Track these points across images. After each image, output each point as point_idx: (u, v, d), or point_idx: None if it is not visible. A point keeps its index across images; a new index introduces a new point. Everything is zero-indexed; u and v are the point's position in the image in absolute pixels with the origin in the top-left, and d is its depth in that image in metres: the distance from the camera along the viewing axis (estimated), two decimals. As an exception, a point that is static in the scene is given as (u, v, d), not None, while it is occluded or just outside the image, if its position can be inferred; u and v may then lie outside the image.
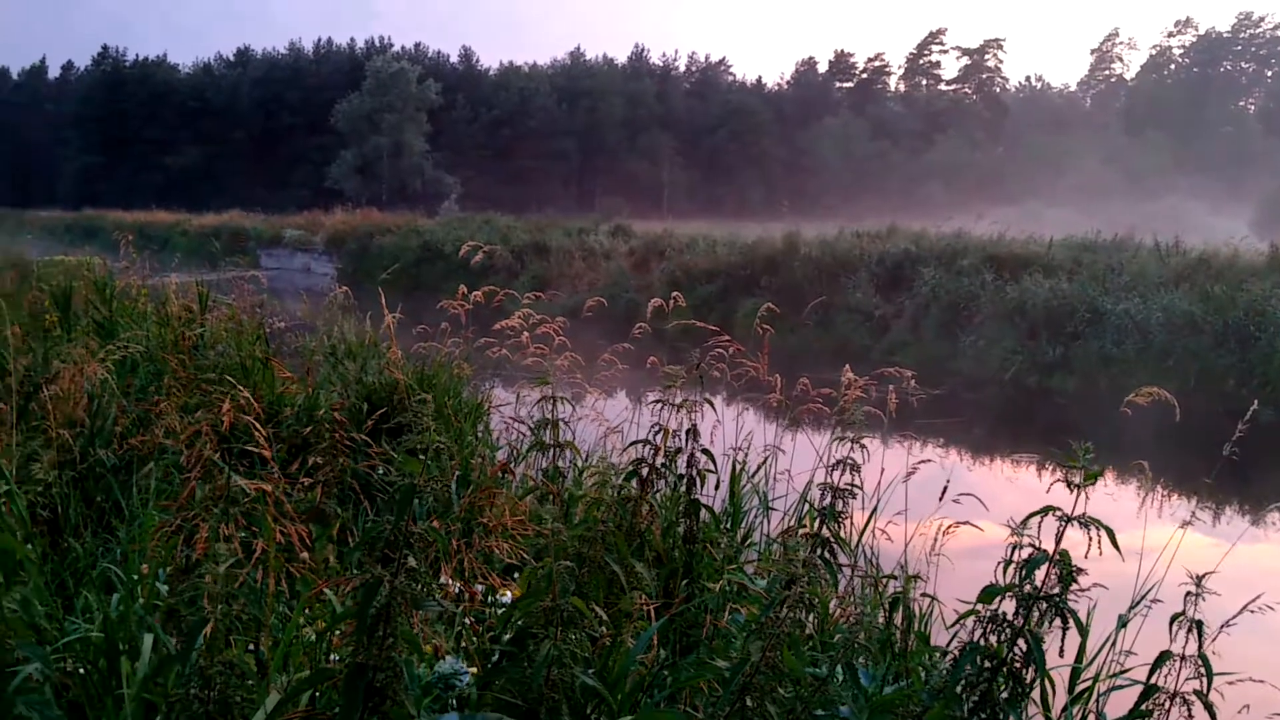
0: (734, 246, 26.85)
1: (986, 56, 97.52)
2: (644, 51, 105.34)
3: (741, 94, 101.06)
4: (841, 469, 2.98)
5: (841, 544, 3.07)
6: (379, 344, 6.93)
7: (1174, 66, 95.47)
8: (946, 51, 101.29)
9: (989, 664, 2.40)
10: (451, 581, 3.50)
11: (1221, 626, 2.94)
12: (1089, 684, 3.62)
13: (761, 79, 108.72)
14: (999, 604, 2.51)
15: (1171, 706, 2.73)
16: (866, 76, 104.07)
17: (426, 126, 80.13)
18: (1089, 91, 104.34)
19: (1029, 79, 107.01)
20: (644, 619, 3.14)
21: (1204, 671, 2.66)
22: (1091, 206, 49.95)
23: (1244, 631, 3.08)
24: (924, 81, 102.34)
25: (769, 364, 5.55)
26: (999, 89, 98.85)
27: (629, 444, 4.00)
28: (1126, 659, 3.71)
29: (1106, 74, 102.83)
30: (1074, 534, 2.57)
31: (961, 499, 4.34)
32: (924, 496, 4.74)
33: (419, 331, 6.74)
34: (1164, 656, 2.76)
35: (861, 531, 4.79)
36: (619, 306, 19.77)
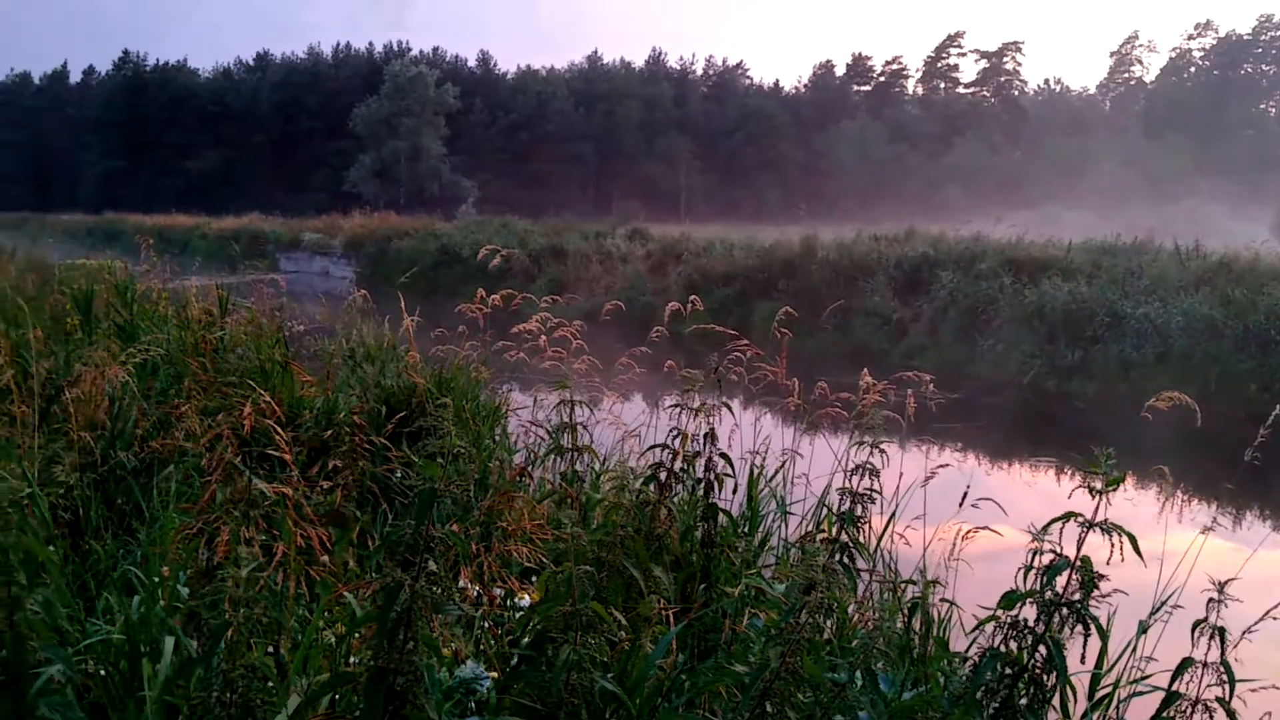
0: (751, 250, 26.80)
1: (1005, 59, 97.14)
2: (661, 55, 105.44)
3: (759, 97, 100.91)
4: (860, 474, 2.97)
5: (860, 549, 3.06)
6: (397, 347, 6.95)
7: (1194, 69, 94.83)
8: (965, 54, 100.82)
9: (1010, 670, 2.39)
10: (470, 585, 3.51)
11: (1243, 633, 2.91)
12: (1109, 690, 3.60)
13: (779, 82, 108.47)
14: (1019, 610, 2.50)
15: (1194, 713, 2.71)
16: (884, 79, 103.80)
17: (444, 130, 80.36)
18: (1108, 94, 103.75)
19: (1048, 82, 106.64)
20: (662, 624, 3.14)
21: (1226, 678, 2.65)
22: (1111, 210, 49.68)
23: (1266, 638, 3.06)
24: (942, 84, 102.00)
25: (786, 367, 5.54)
26: (1017, 92, 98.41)
27: (647, 448, 4.00)
28: (1147, 665, 3.68)
29: (1126, 77, 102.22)
30: (1094, 539, 2.55)
31: (980, 503, 4.33)
32: (942, 501, 4.73)
33: (437, 335, 6.76)
34: (1186, 663, 2.74)
35: (880, 536, 4.78)
36: (636, 310, 19.77)
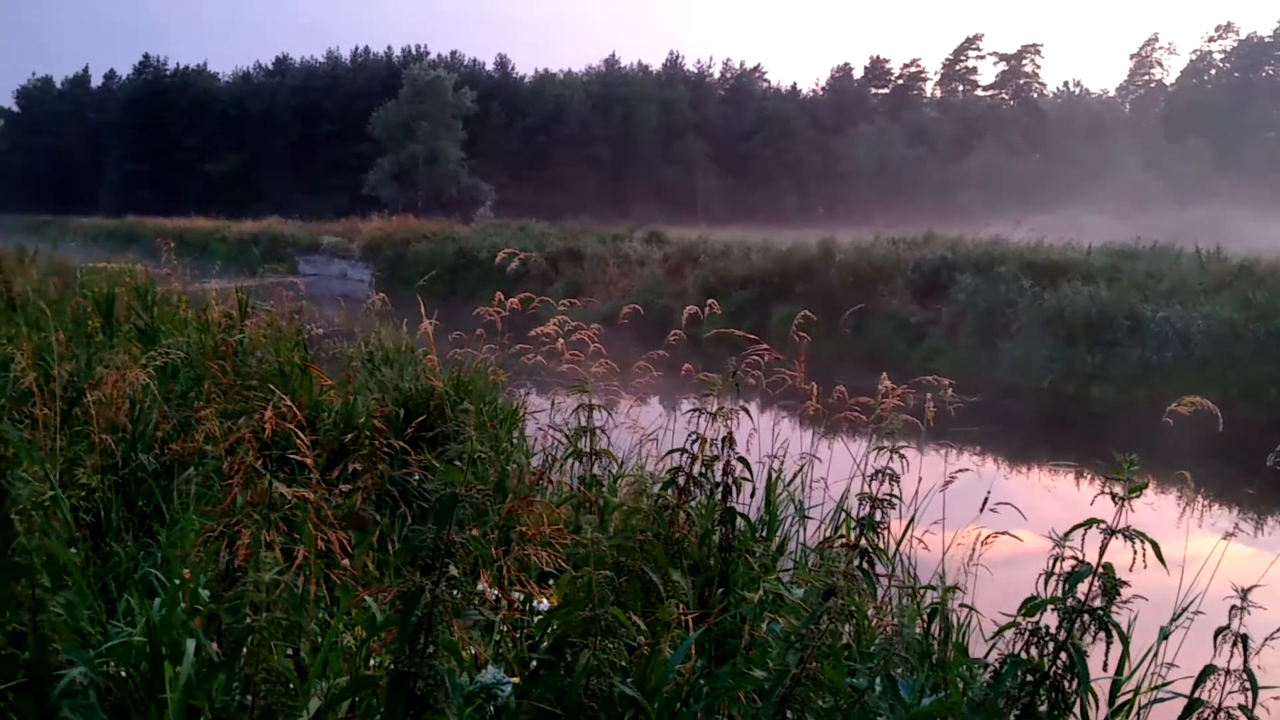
0: (768, 253, 26.78)
1: (1024, 62, 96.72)
2: (678, 58, 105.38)
3: (776, 100, 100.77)
4: (880, 479, 2.97)
5: (879, 554, 3.05)
6: (415, 350, 6.97)
7: (1214, 71, 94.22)
8: (983, 57, 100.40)
9: (1031, 677, 2.38)
10: (489, 589, 3.51)
11: (1266, 640, 2.89)
12: (1129, 697, 3.58)
13: (796, 85, 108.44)
14: (1039, 616, 2.49)
15: (1216, 721, 2.69)
16: (902, 83, 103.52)
17: (462, 134, 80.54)
18: (1128, 97, 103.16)
19: (1067, 85, 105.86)
20: (681, 628, 3.13)
21: (1249, 686, 2.62)
22: (1131, 213, 49.44)
23: (1288, 645, 3.03)
24: (960, 87, 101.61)
25: (804, 371, 5.53)
26: (1036, 95, 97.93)
27: (666, 452, 4.00)
28: (1168, 671, 3.66)
29: (1146, 79, 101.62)
30: (1115, 544, 2.54)
31: (999, 508, 4.31)
32: (961, 505, 4.71)
33: (454, 338, 6.77)
34: (1208, 670, 2.72)
35: (899, 541, 4.76)
36: (653, 313, 19.67)
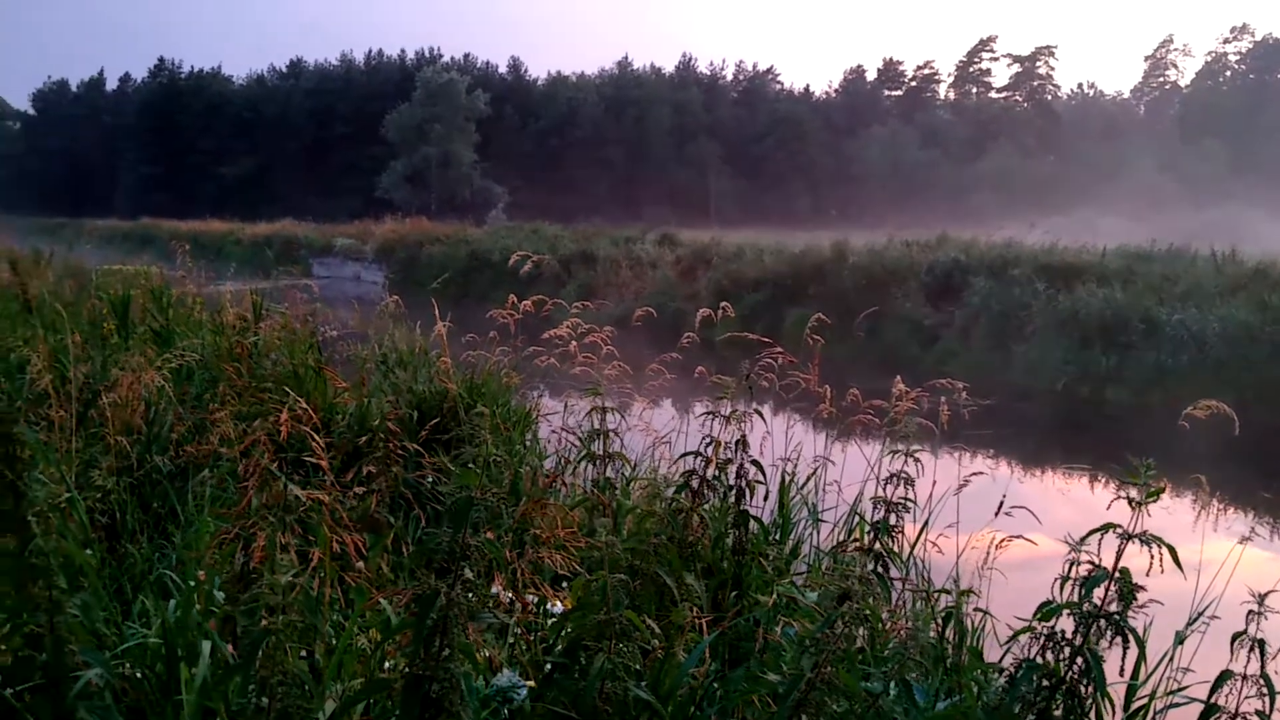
0: (781, 255, 26.75)
1: (1038, 64, 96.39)
2: (691, 60, 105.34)
3: (789, 102, 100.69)
4: (895, 483, 2.96)
5: (893, 558, 3.04)
6: (429, 353, 6.97)
7: (1230, 73, 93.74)
8: (997, 59, 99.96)
9: (1047, 682, 2.37)
10: (503, 591, 3.51)
11: (1284, 645, 2.87)
12: (1144, 702, 3.56)
13: (809, 87, 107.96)
14: (1055, 620, 2.48)
15: (1233, 727, 2.68)
16: (916, 84, 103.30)
17: (475, 136, 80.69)
18: (1142, 98, 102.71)
19: (1081, 86, 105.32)
20: (695, 631, 3.13)
21: (1266, 691, 2.61)
22: (1146, 215, 49.23)
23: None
24: (974, 89, 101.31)
25: (818, 374, 5.52)
26: (1050, 96, 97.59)
27: (679, 455, 4.00)
28: (1184, 676, 3.64)
29: (1161, 81, 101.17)
30: (1131, 548, 2.53)
31: (1013, 512, 4.30)
32: (975, 508, 4.69)
33: (468, 340, 6.78)
34: (1225, 676, 2.70)
35: (913, 544, 4.75)
36: (666, 315, 19.71)
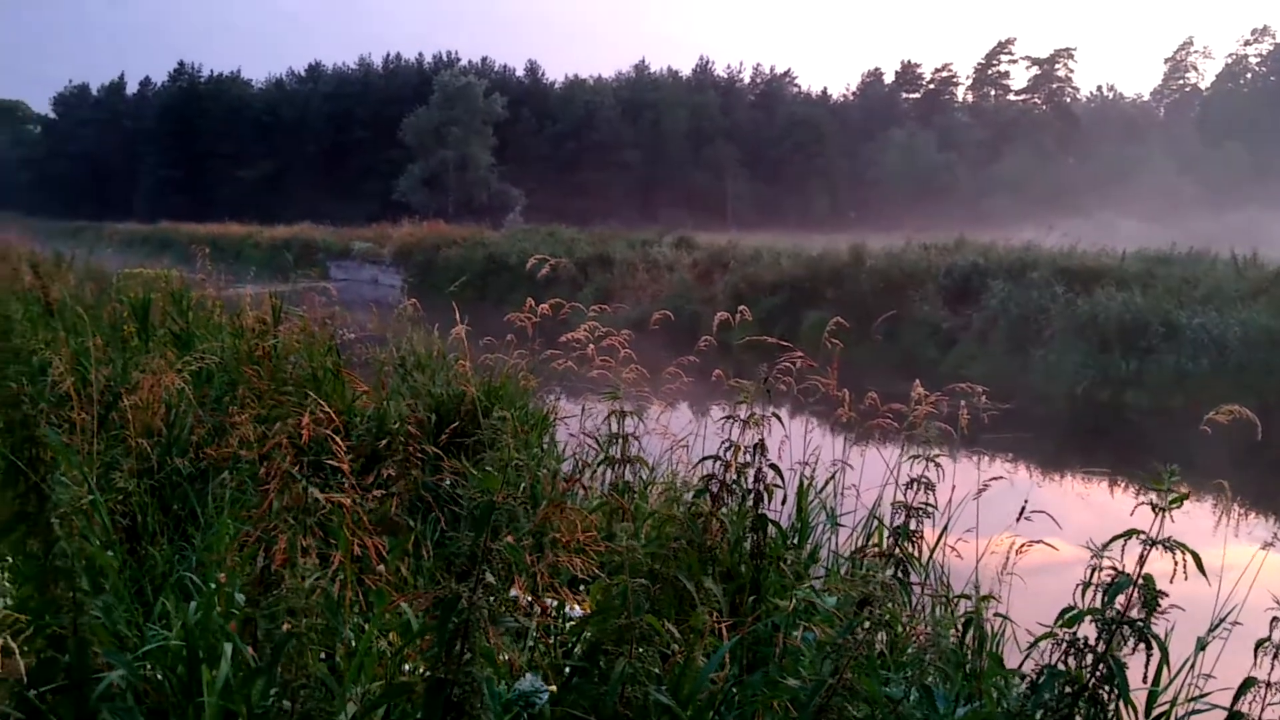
0: (798, 258, 26.72)
1: (1057, 66, 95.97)
2: (708, 64, 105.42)
3: (806, 105, 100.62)
4: (915, 487, 2.95)
5: (913, 563, 3.03)
6: (446, 356, 6.99)
7: (1250, 75, 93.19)
8: (1016, 61, 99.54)
9: (1070, 689, 2.36)
10: (522, 595, 3.51)
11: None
12: (1166, 708, 3.54)
13: (827, 90, 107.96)
14: (1077, 627, 2.46)
15: (1257, 734, 2.66)
16: (933, 87, 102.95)
17: (492, 140, 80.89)
18: (1162, 101, 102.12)
19: (1100, 89, 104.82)
20: (714, 636, 3.12)
21: (1291, 699, 2.59)
22: (1166, 218, 48.93)
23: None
24: (992, 92, 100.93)
25: (837, 377, 5.50)
26: (1069, 99, 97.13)
27: (699, 460, 4.00)
28: (1206, 683, 3.61)
29: (1181, 83, 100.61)
30: (1152, 554, 2.51)
31: (1033, 516, 4.27)
32: (994, 512, 4.67)
33: (485, 343, 6.80)
34: (1249, 683, 2.68)
35: (932, 549, 4.73)
36: (682, 318, 19.70)
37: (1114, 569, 2.43)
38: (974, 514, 4.66)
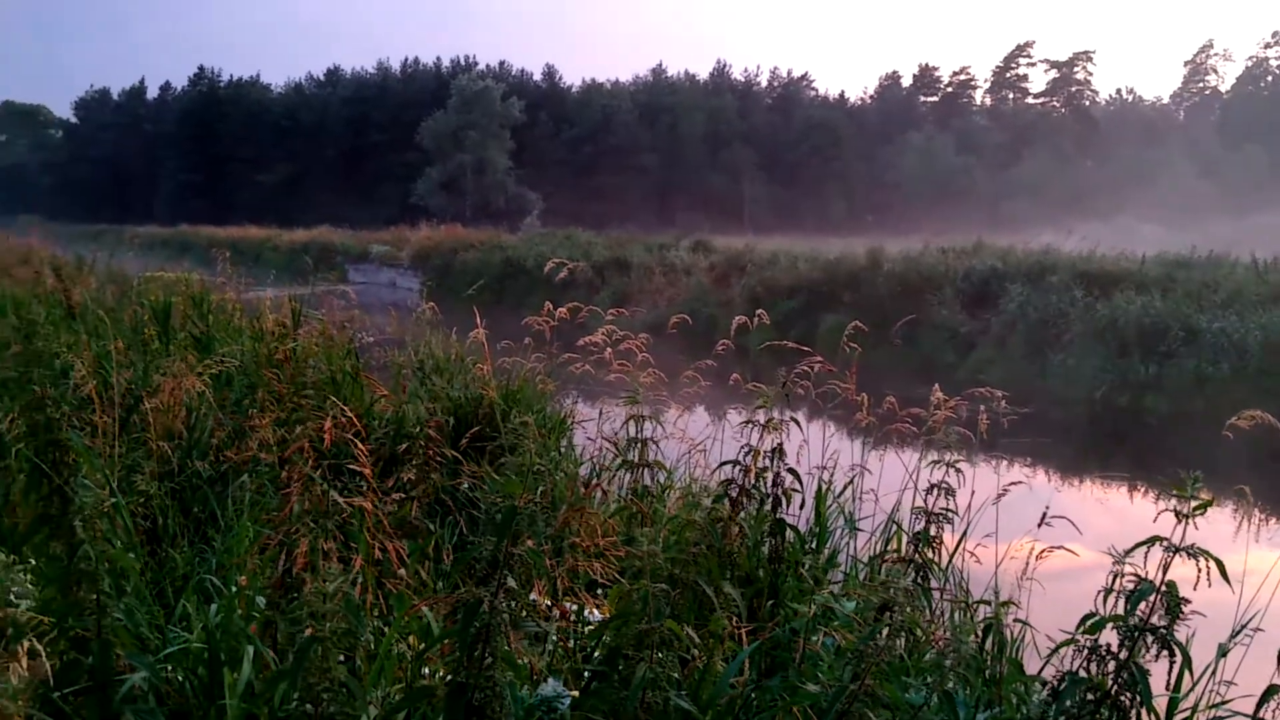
0: (816, 262, 26.66)
1: (1076, 69, 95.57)
2: (726, 67, 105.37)
3: (824, 109, 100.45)
4: (935, 493, 2.94)
5: (932, 568, 3.02)
6: (465, 359, 7.01)
7: (1271, 78, 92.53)
8: (1035, 64, 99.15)
9: (1092, 696, 2.35)
10: (541, 599, 3.52)
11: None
12: (1188, 715, 3.52)
13: (844, 93, 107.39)
14: (1098, 634, 2.45)
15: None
16: (951, 90, 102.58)
17: (510, 143, 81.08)
18: (1182, 104, 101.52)
19: (1119, 91, 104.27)
20: (733, 641, 3.12)
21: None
22: (1186, 222, 48.59)
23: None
24: (1011, 95, 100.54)
25: (855, 382, 5.49)
26: (1088, 102, 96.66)
27: (718, 464, 3.99)
28: (1227, 690, 3.59)
29: (1201, 86, 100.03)
30: (1174, 560, 2.50)
31: (1052, 521, 4.25)
32: (1012, 517, 4.65)
33: (503, 346, 6.81)
34: (1272, 690, 2.66)
35: (951, 554, 4.71)
36: (699, 322, 19.70)
37: (1136, 575, 2.42)
38: (993, 519, 4.65)
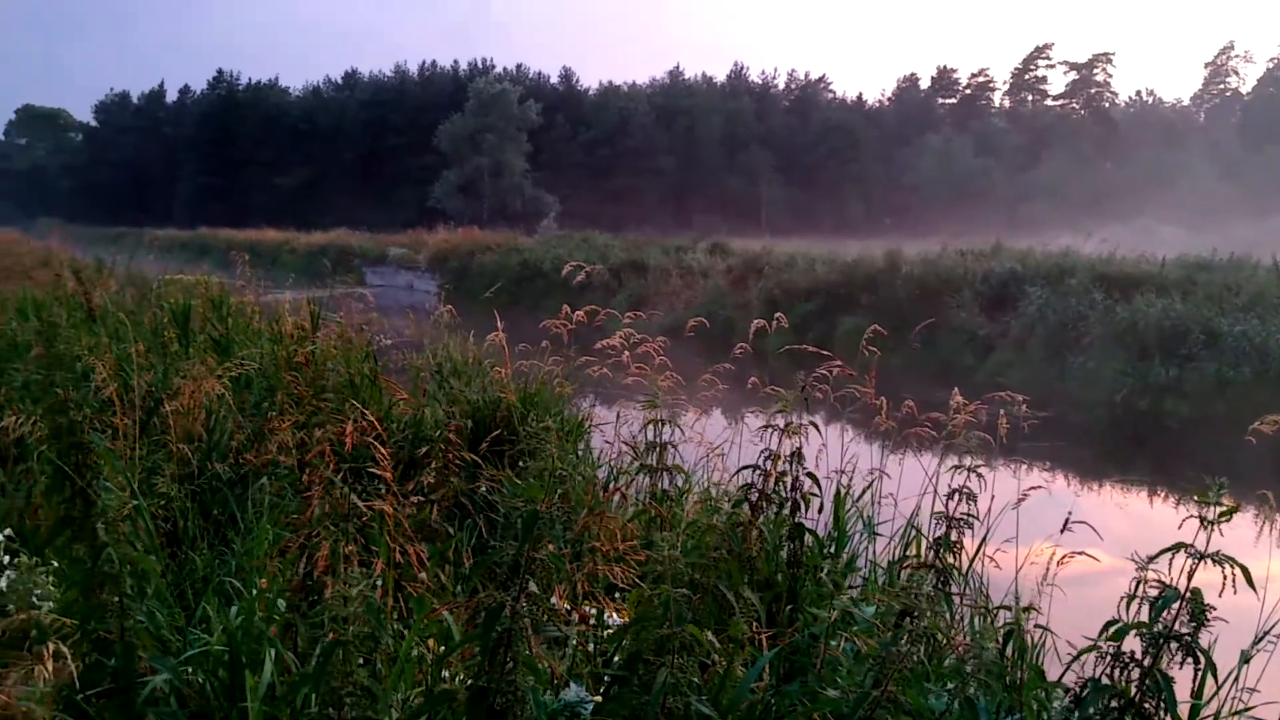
0: (833, 264, 26.61)
1: (1095, 71, 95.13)
2: (743, 69, 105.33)
3: (841, 111, 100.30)
4: (956, 498, 2.92)
5: (952, 573, 3.00)
6: (483, 362, 7.01)
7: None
8: (1054, 66, 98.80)
9: (1115, 703, 2.33)
10: (561, 603, 3.52)
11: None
12: (1210, 721, 3.49)
13: (862, 95, 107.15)
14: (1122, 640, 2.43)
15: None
16: (970, 92, 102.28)
17: (527, 146, 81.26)
18: (1202, 106, 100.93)
19: (1139, 93, 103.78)
20: (753, 646, 3.11)
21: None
22: (1206, 224, 48.32)
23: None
24: (1030, 97, 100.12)
25: (874, 385, 5.47)
26: (1108, 104, 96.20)
27: (738, 469, 3.98)
28: (1250, 697, 3.57)
29: (1221, 88, 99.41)
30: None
31: (1073, 526, 4.23)
32: (1032, 522, 4.63)
33: (520, 349, 6.82)
34: (1297, 698, 2.64)
35: (971, 559, 4.69)
36: (717, 325, 19.68)
37: (1159, 582, 2.40)
38: (1013, 523, 4.62)
